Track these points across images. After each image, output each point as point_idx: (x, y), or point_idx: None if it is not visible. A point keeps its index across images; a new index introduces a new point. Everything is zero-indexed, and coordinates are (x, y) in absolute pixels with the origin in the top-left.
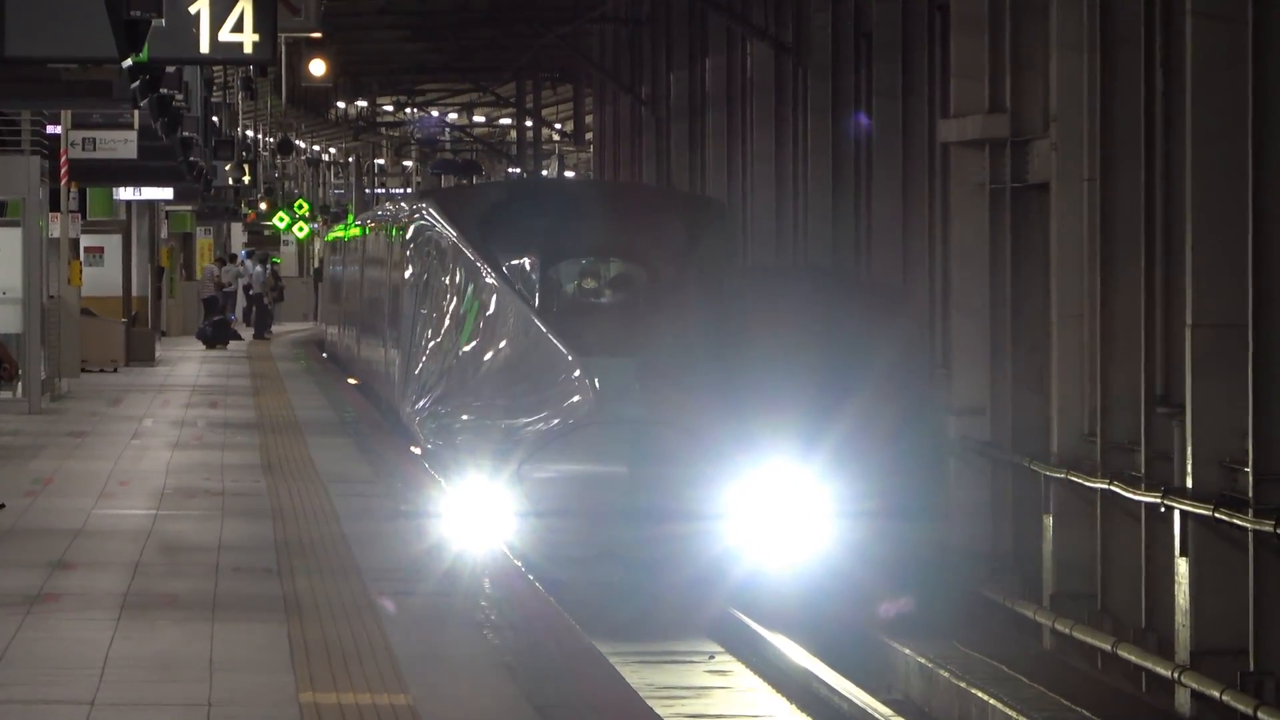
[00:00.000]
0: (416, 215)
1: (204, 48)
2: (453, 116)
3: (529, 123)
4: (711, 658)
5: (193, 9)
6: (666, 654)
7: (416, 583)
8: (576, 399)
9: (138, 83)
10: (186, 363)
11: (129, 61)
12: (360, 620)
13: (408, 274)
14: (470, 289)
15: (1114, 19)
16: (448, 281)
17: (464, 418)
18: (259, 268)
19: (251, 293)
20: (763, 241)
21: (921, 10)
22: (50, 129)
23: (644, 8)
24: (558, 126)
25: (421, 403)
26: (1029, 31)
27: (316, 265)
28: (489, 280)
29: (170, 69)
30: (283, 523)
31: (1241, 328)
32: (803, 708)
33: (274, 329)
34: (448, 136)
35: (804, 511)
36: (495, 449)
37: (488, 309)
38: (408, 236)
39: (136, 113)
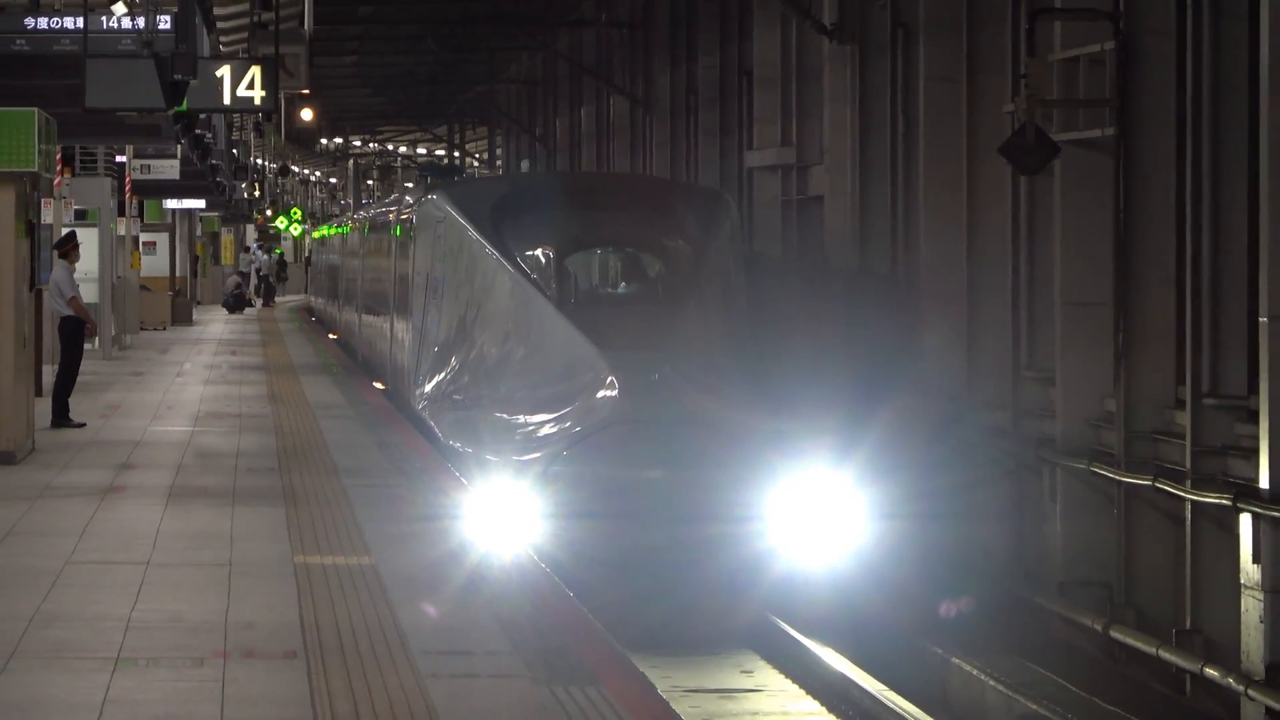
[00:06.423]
0: (425, 206)
1: (226, 100)
2: (403, 149)
3: (457, 153)
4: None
5: (218, 73)
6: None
7: (376, 476)
8: (603, 396)
9: (179, 125)
10: (214, 324)
11: (173, 110)
12: (337, 505)
13: (412, 263)
14: (486, 281)
15: (869, 80)
16: (461, 273)
17: (484, 414)
18: (266, 255)
19: (261, 274)
20: None
21: (733, 74)
22: (118, 159)
23: (538, 73)
24: (477, 156)
25: (434, 394)
26: (809, 89)
27: (307, 254)
28: (505, 272)
29: (202, 116)
30: (282, 436)
31: (961, 297)
32: None
33: (276, 300)
34: (399, 163)
35: (844, 513)
36: (521, 448)
37: (506, 301)
38: (413, 228)
39: (179, 146)
